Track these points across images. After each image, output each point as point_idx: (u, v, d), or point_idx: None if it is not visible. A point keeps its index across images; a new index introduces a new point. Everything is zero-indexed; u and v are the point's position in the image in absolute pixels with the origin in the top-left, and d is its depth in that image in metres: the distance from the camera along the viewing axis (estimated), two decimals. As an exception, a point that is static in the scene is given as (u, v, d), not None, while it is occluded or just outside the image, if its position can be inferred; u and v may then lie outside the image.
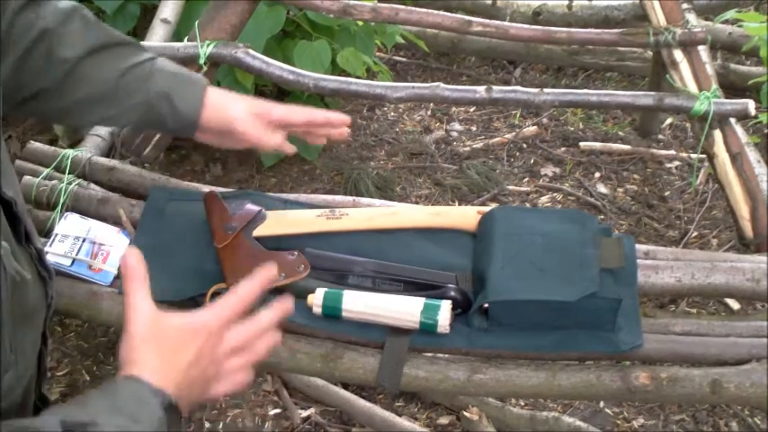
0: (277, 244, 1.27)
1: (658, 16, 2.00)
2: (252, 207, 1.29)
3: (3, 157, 0.80)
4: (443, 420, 1.93)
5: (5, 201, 0.78)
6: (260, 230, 1.27)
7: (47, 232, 1.36)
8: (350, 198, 1.48)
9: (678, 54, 1.94)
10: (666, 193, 2.59)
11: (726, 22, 2.74)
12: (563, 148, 2.79)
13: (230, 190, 1.46)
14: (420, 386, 1.23)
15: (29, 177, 1.50)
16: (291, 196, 1.45)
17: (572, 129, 2.87)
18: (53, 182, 1.49)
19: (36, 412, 0.88)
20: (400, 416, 1.90)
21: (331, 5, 1.89)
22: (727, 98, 1.91)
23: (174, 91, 1.10)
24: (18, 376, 0.77)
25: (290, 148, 1.20)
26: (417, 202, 2.54)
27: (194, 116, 1.11)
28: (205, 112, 1.12)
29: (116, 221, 1.40)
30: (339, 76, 2.07)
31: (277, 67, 1.79)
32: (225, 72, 2.29)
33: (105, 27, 1.10)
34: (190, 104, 1.11)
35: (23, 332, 0.79)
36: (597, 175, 2.68)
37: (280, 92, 2.71)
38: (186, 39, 1.82)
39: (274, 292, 1.24)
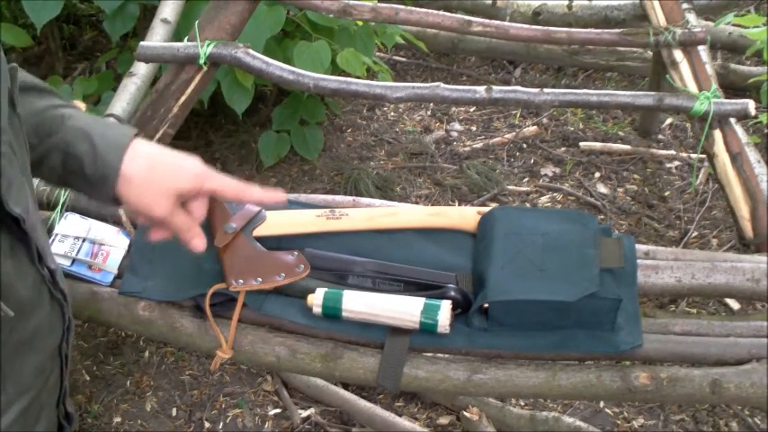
0: (277, 244, 1.27)
1: (658, 16, 2.00)
2: (252, 207, 1.29)
3: (13, 171, 0.75)
4: (443, 420, 1.93)
5: (13, 218, 0.74)
6: (260, 230, 1.27)
7: (47, 232, 1.35)
8: (350, 198, 1.48)
9: (678, 54, 1.94)
10: (666, 193, 2.59)
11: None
12: (563, 148, 2.79)
13: (230, 190, 1.46)
14: (420, 386, 1.23)
15: (29, 177, 1.50)
16: (291, 196, 1.45)
17: (572, 129, 2.87)
18: (53, 182, 1.48)
19: (60, 430, 0.89)
20: (400, 416, 1.90)
21: (331, 5, 1.89)
22: (727, 98, 1.91)
23: (95, 130, 0.97)
24: (8, 401, 0.77)
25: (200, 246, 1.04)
26: (417, 202, 2.54)
27: (116, 160, 0.95)
28: (130, 160, 0.96)
29: (116, 221, 1.40)
30: (339, 76, 2.07)
31: (277, 67, 1.79)
32: (225, 72, 2.29)
33: (21, 70, 0.95)
34: (111, 146, 0.96)
35: (22, 359, 0.78)
36: (597, 175, 2.68)
37: (280, 92, 2.71)
38: (186, 39, 1.82)
39: (274, 292, 1.26)
